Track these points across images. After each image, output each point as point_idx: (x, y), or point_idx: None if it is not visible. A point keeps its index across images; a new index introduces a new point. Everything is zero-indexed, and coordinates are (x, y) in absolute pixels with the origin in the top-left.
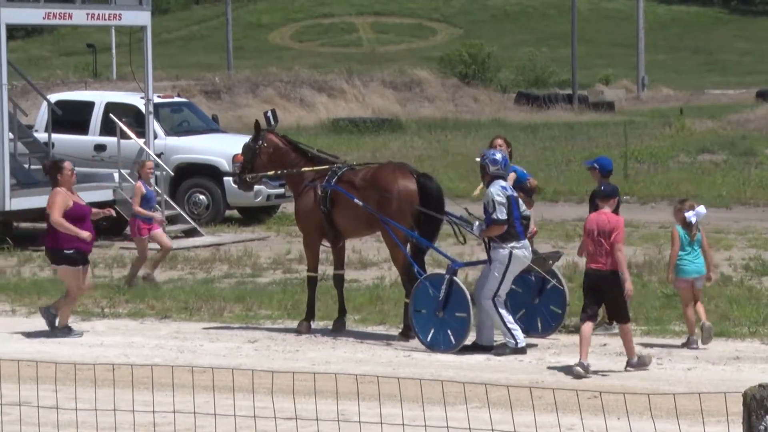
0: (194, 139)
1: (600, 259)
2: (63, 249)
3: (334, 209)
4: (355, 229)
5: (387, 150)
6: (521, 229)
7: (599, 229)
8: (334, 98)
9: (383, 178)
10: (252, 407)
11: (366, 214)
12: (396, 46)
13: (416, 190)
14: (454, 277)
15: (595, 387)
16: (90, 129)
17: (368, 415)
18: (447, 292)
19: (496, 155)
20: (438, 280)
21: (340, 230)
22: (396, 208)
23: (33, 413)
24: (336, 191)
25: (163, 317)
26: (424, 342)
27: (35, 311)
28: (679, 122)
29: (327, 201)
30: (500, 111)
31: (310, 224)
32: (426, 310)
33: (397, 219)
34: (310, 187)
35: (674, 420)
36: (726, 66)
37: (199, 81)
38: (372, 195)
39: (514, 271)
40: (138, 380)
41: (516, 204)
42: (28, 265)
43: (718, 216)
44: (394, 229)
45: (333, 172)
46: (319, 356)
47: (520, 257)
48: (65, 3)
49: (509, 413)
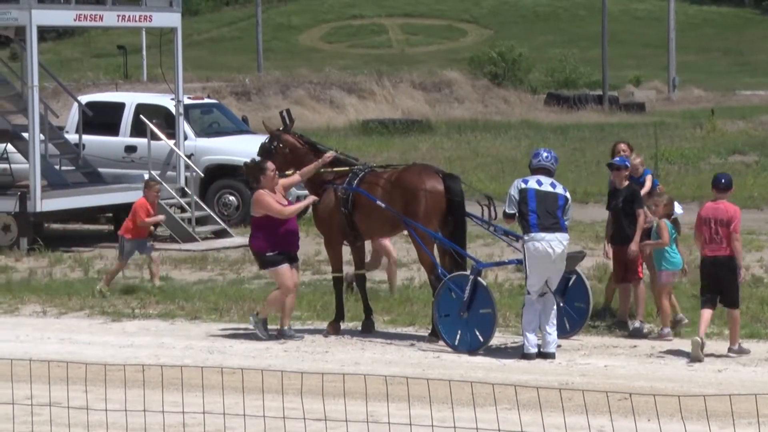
0: (224, 141)
1: (717, 246)
2: (266, 252)
3: (355, 211)
4: (377, 230)
5: (416, 151)
6: (535, 222)
7: (716, 217)
8: (364, 99)
9: (410, 180)
10: (281, 408)
11: (388, 216)
12: (425, 48)
13: (443, 190)
14: (478, 278)
15: (625, 389)
16: (120, 130)
17: (397, 417)
18: (471, 293)
19: (541, 151)
20: (462, 280)
21: (361, 232)
22: (423, 210)
23: (63, 414)
24: (358, 193)
25: (193, 318)
26: (452, 345)
27: (66, 312)
28: (710, 123)
29: (348, 203)
30: (530, 112)
31: (332, 226)
32: (451, 314)
33: (424, 220)
34: (330, 189)
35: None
36: (757, 67)
37: (229, 82)
38: (398, 197)
39: (536, 264)
40: (168, 381)
41: (535, 197)
42: (59, 266)
43: (750, 217)
44: (418, 230)
45: (354, 173)
46: (348, 357)
47: (531, 250)
48: (96, 5)
49: (539, 415)
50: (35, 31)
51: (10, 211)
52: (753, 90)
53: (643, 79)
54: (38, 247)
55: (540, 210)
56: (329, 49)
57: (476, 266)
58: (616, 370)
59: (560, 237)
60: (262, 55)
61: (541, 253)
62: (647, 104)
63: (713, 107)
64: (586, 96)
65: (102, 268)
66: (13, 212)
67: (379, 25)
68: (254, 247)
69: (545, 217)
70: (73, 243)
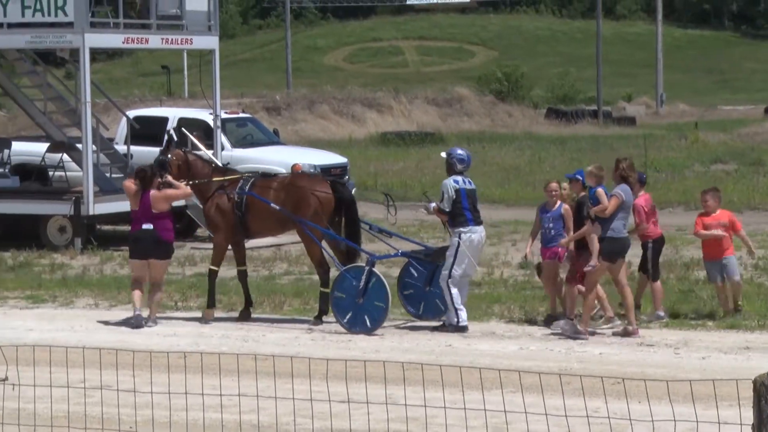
0: (257, 151)
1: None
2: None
3: (247, 213)
4: (266, 230)
5: (430, 161)
6: (471, 217)
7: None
8: (383, 114)
9: (301, 184)
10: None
11: (278, 217)
12: (438, 67)
13: (332, 194)
14: (372, 269)
15: (618, 374)
16: (164, 142)
17: (413, 399)
18: (366, 281)
19: (464, 155)
20: (358, 271)
21: (251, 231)
22: (313, 211)
23: (113, 396)
24: (251, 197)
25: (229, 310)
26: (341, 322)
27: (115, 305)
28: (693, 135)
29: (242, 206)
30: (532, 125)
31: (223, 226)
32: (345, 295)
33: (314, 220)
34: (221, 194)
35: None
36: (737, 84)
37: (262, 98)
38: (289, 199)
39: (470, 252)
40: (207, 366)
41: (466, 196)
42: (109, 264)
43: None
44: (310, 228)
45: (245, 179)
46: (369, 346)
47: (468, 241)
48: (143, 29)
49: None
50: (88, 52)
51: (65, 214)
52: (733, 105)
53: (633, 95)
54: (91, 246)
55: (470, 206)
56: (351, 69)
57: (371, 258)
58: (611, 357)
59: (482, 228)
60: (291, 74)
61: (474, 243)
62: (637, 118)
63: (697, 121)
64: (582, 111)
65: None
66: (68, 215)
67: (396, 47)
68: (166, 238)
69: (474, 212)
70: (122, 243)
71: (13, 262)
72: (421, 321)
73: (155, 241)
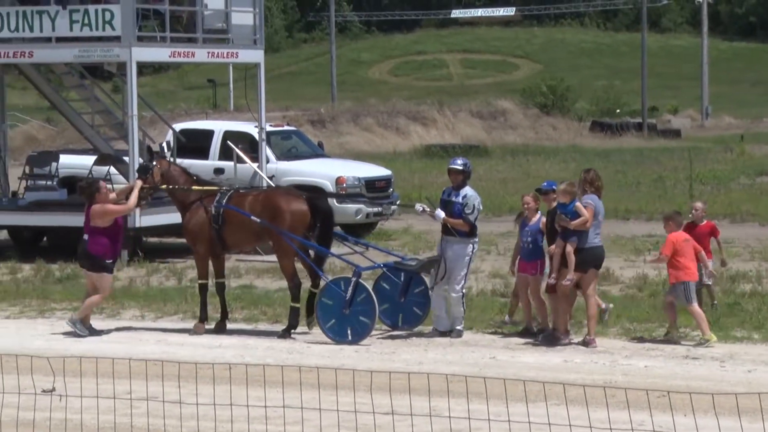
0: (302, 163)
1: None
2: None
3: (224, 226)
4: (243, 242)
5: (474, 174)
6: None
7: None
8: (427, 127)
9: (276, 200)
10: (353, 403)
11: (254, 230)
12: (482, 80)
13: (307, 209)
14: (359, 280)
15: (663, 387)
16: (210, 154)
17: (457, 411)
18: (353, 293)
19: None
20: (345, 282)
21: (228, 244)
22: (289, 226)
23: (159, 407)
24: (228, 210)
25: (274, 322)
26: (323, 328)
27: (161, 316)
28: (739, 148)
29: (219, 219)
30: (576, 138)
31: (201, 239)
32: (332, 303)
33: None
34: (198, 206)
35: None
36: None
37: (306, 111)
38: (265, 213)
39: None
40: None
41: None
42: (155, 275)
43: None
44: (287, 240)
45: (222, 194)
46: (412, 358)
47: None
48: (189, 43)
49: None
50: (135, 66)
51: None
52: None
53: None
54: (137, 258)
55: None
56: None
57: (357, 269)
58: (655, 370)
59: None
60: (336, 87)
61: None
62: (683, 131)
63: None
64: (627, 123)
65: (194, 276)
66: None
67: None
68: (93, 251)
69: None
70: (168, 255)
71: (60, 274)
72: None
73: (85, 252)
